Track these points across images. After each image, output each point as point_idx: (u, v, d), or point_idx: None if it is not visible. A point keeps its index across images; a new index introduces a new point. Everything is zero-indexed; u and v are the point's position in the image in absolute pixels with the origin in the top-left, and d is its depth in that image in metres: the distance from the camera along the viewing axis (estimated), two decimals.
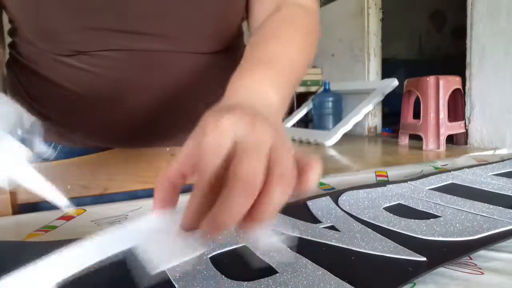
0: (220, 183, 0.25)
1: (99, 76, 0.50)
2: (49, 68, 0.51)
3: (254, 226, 0.24)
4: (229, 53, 0.57)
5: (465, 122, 3.03)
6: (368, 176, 0.61)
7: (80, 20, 0.46)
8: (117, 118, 0.53)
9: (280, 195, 0.24)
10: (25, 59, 0.52)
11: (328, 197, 0.46)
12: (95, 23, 0.46)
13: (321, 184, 0.57)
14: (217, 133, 0.26)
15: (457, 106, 3.07)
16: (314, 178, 0.25)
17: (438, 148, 2.96)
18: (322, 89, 4.34)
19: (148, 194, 0.59)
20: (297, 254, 0.31)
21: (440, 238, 0.34)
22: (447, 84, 2.96)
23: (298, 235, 0.35)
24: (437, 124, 2.98)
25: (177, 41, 0.50)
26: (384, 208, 0.42)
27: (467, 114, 3.02)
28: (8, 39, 0.55)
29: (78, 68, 0.49)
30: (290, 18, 0.48)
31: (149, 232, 0.26)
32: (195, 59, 0.53)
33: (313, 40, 0.49)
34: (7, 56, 0.56)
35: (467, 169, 0.58)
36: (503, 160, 0.65)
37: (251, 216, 0.24)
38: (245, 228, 0.24)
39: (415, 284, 0.27)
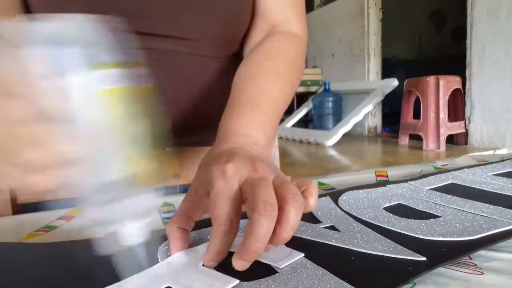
0: (235, 222, 0.29)
1: None
2: None
3: (273, 248, 0.28)
4: (234, 59, 0.59)
5: (465, 122, 3.03)
6: (368, 176, 0.61)
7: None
8: None
9: (295, 215, 0.27)
10: None
11: (328, 197, 0.46)
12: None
13: (321, 184, 0.57)
14: (224, 180, 0.29)
15: (457, 106, 3.07)
16: (314, 200, 0.30)
17: (438, 148, 2.97)
18: (322, 89, 4.35)
19: None
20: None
21: (440, 238, 0.34)
22: (447, 84, 2.97)
23: (298, 235, 0.35)
24: (437, 124, 2.98)
25: (189, 44, 0.52)
26: (384, 208, 0.42)
27: (467, 114, 3.02)
28: None
29: None
30: (277, 51, 0.52)
31: (178, 270, 0.29)
32: (204, 61, 0.55)
33: (298, 72, 0.53)
34: None
35: (467, 169, 0.58)
36: (503, 160, 0.65)
37: (273, 240, 0.27)
38: (268, 250, 0.28)
39: (415, 284, 0.27)
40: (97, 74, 0.21)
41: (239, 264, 0.27)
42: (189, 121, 0.56)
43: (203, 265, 0.30)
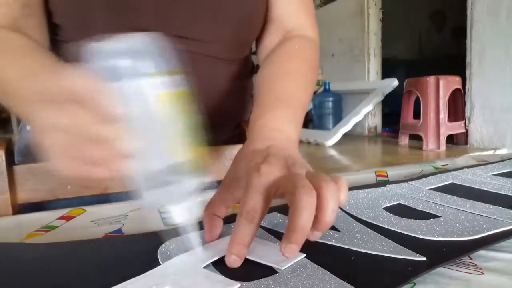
0: (259, 215, 0.30)
1: None
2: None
3: (318, 235, 0.29)
4: (243, 64, 0.61)
5: (465, 122, 3.03)
6: (368, 176, 0.60)
7: (121, 20, 0.49)
8: None
9: (333, 199, 0.28)
10: (60, 50, 0.54)
11: None
12: (134, 23, 0.50)
13: None
14: (258, 176, 0.31)
15: (457, 106, 3.07)
16: (345, 195, 0.30)
17: (438, 148, 2.97)
18: (322, 89, 4.34)
19: None
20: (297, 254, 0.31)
21: (440, 238, 0.34)
22: (447, 84, 2.96)
23: None
24: (437, 124, 2.98)
25: (205, 46, 0.54)
26: (384, 208, 0.42)
27: (467, 114, 3.02)
28: None
29: None
30: (297, 52, 0.54)
31: (178, 272, 0.29)
32: (217, 63, 0.57)
33: (316, 71, 0.56)
34: None
35: (467, 169, 0.58)
36: (503, 160, 0.65)
37: (317, 226, 0.28)
38: (314, 238, 0.29)
39: (415, 284, 0.27)
40: (153, 81, 0.26)
41: (287, 248, 0.27)
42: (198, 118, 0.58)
43: (210, 264, 0.30)
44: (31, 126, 0.28)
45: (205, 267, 0.30)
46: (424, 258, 0.29)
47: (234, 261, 0.29)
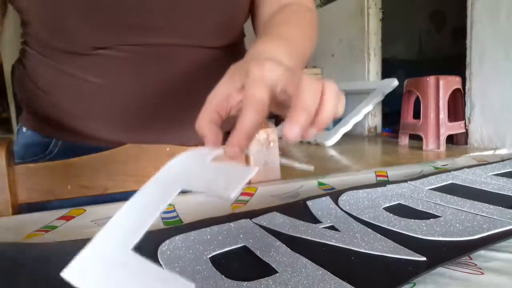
0: (266, 107, 0.28)
1: (113, 68, 0.52)
2: (64, 62, 0.53)
3: (313, 133, 0.28)
4: (233, 50, 0.59)
5: (465, 122, 3.03)
6: (368, 176, 0.60)
7: (94, 17, 0.48)
8: (129, 107, 0.55)
9: (334, 99, 0.28)
10: (39, 54, 0.54)
11: (328, 197, 0.46)
12: (108, 19, 0.49)
13: (321, 184, 0.57)
14: (262, 71, 0.29)
15: (457, 106, 3.07)
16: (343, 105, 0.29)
17: (438, 148, 2.97)
18: None
19: None
20: (297, 254, 0.31)
21: (440, 238, 0.34)
22: (447, 84, 2.97)
23: (298, 235, 0.35)
24: (437, 124, 2.98)
25: (187, 34, 0.53)
26: (384, 208, 0.42)
27: (467, 114, 3.02)
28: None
29: (94, 61, 0.52)
30: (296, 11, 0.53)
31: (187, 171, 0.27)
32: (202, 53, 0.56)
33: (314, 32, 0.54)
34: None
35: (467, 169, 0.58)
36: (503, 160, 0.65)
37: (313, 122, 0.27)
38: (309, 137, 0.28)
39: (415, 284, 0.27)
40: None
41: (291, 130, 0.26)
42: (187, 114, 0.57)
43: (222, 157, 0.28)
44: None
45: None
46: (424, 258, 0.29)
47: (234, 153, 0.28)
